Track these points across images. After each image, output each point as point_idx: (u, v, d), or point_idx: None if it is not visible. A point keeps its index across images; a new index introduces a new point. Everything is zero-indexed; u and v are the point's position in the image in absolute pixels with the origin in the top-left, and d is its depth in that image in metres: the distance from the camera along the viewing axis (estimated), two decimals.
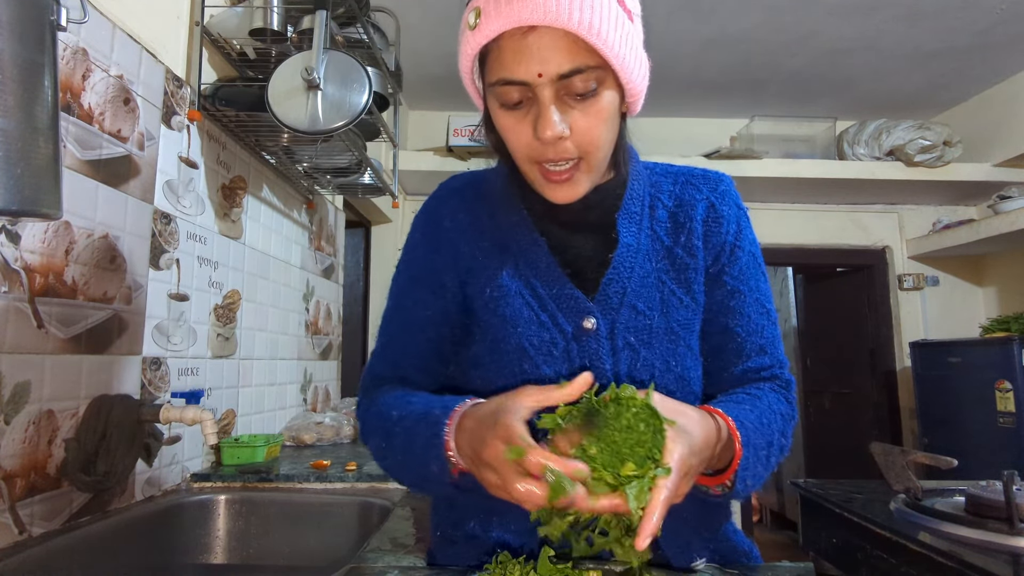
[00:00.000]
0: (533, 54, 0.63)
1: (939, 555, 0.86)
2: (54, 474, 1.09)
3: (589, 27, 0.61)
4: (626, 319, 0.76)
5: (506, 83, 0.65)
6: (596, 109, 0.67)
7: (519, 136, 0.68)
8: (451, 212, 0.82)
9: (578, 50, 0.63)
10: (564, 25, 0.61)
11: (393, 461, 0.74)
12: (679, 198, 0.83)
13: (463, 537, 0.80)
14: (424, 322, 0.81)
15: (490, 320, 0.78)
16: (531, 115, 0.67)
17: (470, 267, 0.80)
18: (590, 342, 0.75)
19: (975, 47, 2.84)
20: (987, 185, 3.36)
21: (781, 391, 0.80)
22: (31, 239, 1.04)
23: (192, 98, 1.54)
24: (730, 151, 3.27)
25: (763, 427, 0.71)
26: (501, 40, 0.64)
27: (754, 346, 0.80)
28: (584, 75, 0.64)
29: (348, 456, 1.75)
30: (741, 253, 0.82)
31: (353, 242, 3.40)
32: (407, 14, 2.41)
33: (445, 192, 0.85)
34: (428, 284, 0.81)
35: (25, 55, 0.79)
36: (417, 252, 0.84)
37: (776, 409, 0.76)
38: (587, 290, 0.76)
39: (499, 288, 0.78)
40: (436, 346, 0.82)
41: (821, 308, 4.43)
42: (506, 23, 0.62)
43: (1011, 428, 2.60)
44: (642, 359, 0.76)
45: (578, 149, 0.68)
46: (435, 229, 0.82)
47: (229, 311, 1.75)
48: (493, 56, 0.66)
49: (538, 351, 0.75)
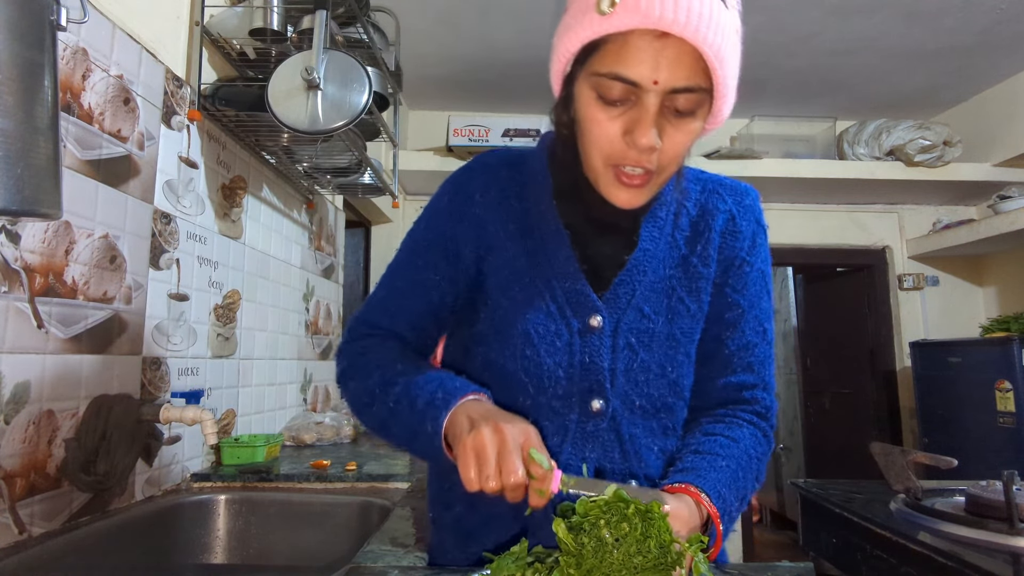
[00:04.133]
0: (658, 60, 0.62)
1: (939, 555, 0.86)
2: (54, 474, 1.09)
3: (718, 51, 0.62)
4: (631, 320, 0.77)
5: (617, 78, 0.64)
6: (688, 129, 0.67)
7: (606, 132, 0.67)
8: (482, 187, 0.82)
9: (697, 69, 0.63)
10: (698, 43, 0.61)
11: (382, 408, 0.76)
12: (703, 207, 0.83)
13: (452, 520, 0.82)
14: (432, 285, 0.81)
15: (500, 301, 0.79)
16: (626, 116, 0.66)
17: (491, 245, 0.80)
18: (593, 339, 0.76)
19: (975, 47, 2.84)
20: (987, 185, 3.36)
21: (759, 423, 0.81)
22: (31, 239, 1.04)
23: (192, 98, 1.54)
24: (730, 151, 3.27)
25: (737, 482, 0.74)
26: (629, 35, 0.63)
27: (742, 362, 0.81)
28: (692, 95, 0.64)
29: (348, 456, 1.75)
30: (750, 269, 0.83)
31: (353, 242, 3.40)
32: (407, 14, 2.40)
33: (479, 166, 0.84)
34: (445, 250, 0.81)
35: (25, 55, 0.79)
36: (440, 218, 0.83)
37: (753, 454, 0.78)
38: (600, 288, 0.77)
39: (515, 272, 0.79)
40: (436, 310, 0.83)
41: (821, 308, 4.43)
42: (644, 21, 0.60)
43: (1011, 428, 2.60)
44: (640, 361, 0.77)
45: (659, 162, 0.68)
46: (464, 200, 0.82)
47: (229, 311, 1.75)
48: (613, 47, 0.64)
49: (542, 339, 0.76)
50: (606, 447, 0.77)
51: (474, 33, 2.72)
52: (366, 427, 0.81)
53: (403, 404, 0.73)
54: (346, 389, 0.82)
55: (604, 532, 0.58)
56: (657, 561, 0.57)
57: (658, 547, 0.57)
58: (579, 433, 0.76)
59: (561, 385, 0.76)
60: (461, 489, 0.65)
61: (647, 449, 0.78)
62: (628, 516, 0.59)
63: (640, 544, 0.57)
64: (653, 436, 0.79)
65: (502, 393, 0.77)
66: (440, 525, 0.85)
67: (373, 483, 1.49)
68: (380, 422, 0.77)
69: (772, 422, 0.83)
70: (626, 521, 0.58)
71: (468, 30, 2.69)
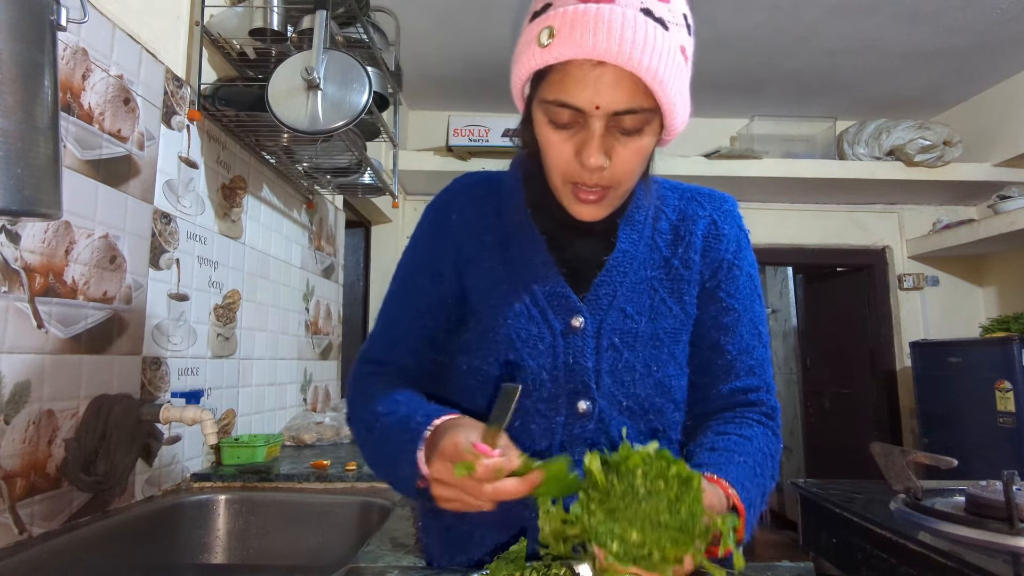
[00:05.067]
0: (596, 87, 0.65)
1: (939, 555, 0.86)
2: (54, 474, 1.09)
3: (655, 75, 0.64)
4: (613, 321, 0.78)
5: (562, 105, 0.67)
6: (637, 147, 0.70)
7: (560, 154, 0.71)
8: (459, 207, 0.85)
9: (637, 92, 0.65)
10: (633, 69, 0.63)
11: (370, 453, 0.78)
12: (683, 212, 0.85)
13: (442, 528, 0.82)
14: (421, 308, 0.83)
15: (482, 309, 0.80)
16: (576, 138, 0.69)
17: (469, 258, 0.82)
18: (576, 340, 0.77)
19: (975, 47, 2.84)
20: (987, 185, 3.36)
21: (768, 423, 0.82)
22: (31, 239, 1.04)
23: (192, 98, 1.54)
24: (730, 151, 3.27)
25: (756, 477, 0.74)
26: (568, 65, 0.66)
27: (743, 366, 0.82)
28: (636, 116, 0.67)
29: (348, 456, 1.75)
30: (739, 272, 0.84)
31: (353, 242, 3.40)
32: (407, 14, 2.40)
33: (457, 187, 0.88)
34: (428, 272, 0.84)
35: (25, 55, 0.79)
36: (423, 242, 0.87)
37: (767, 452, 0.78)
38: (580, 290, 0.79)
39: (494, 280, 0.80)
40: (430, 333, 0.84)
41: (821, 308, 4.43)
42: (579, 52, 0.64)
43: (1011, 428, 2.60)
44: (624, 360, 0.77)
45: (612, 179, 0.71)
46: (442, 221, 0.85)
47: (229, 311, 1.75)
48: (556, 76, 0.67)
49: (524, 343, 0.77)
50: (595, 449, 0.76)
51: (474, 33, 2.71)
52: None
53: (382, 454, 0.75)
54: (352, 432, 0.84)
55: (639, 481, 0.58)
56: (684, 525, 0.56)
57: (688, 514, 0.57)
58: (567, 435, 0.77)
59: (546, 388, 0.76)
60: None
61: None
62: (667, 475, 0.58)
63: (672, 505, 0.57)
64: (642, 438, 0.79)
65: (487, 399, 0.78)
66: (430, 533, 0.85)
67: (373, 483, 1.48)
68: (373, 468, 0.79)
69: (778, 422, 0.83)
70: (663, 479, 0.58)
71: (468, 30, 2.69)
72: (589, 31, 0.63)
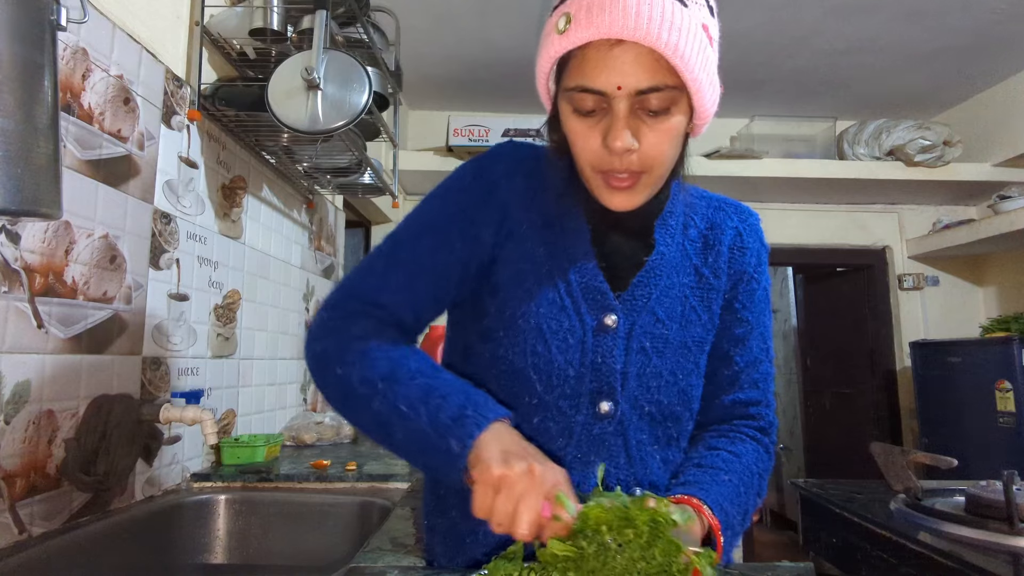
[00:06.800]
0: (616, 67, 0.64)
1: (939, 555, 0.86)
2: (54, 474, 1.09)
3: (675, 49, 0.62)
4: (645, 323, 0.76)
5: (584, 90, 0.66)
6: (666, 127, 0.67)
7: (587, 142, 0.69)
8: (507, 173, 0.79)
9: (659, 69, 0.64)
10: (651, 43, 0.62)
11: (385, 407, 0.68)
12: (711, 221, 0.85)
13: (447, 526, 0.81)
14: (441, 265, 0.76)
15: (513, 292, 0.76)
16: (602, 124, 0.67)
17: (512, 231, 0.77)
18: (607, 339, 0.75)
19: (975, 47, 2.84)
20: (987, 185, 3.36)
21: (761, 439, 0.82)
22: (31, 239, 1.04)
23: (192, 98, 1.54)
24: (730, 151, 3.27)
25: (739, 496, 0.74)
26: (587, 48, 0.65)
27: (748, 379, 0.82)
28: (661, 94, 0.65)
29: (348, 456, 1.75)
30: (757, 287, 0.84)
31: (353, 242, 3.40)
32: (407, 14, 2.40)
33: (506, 152, 0.81)
34: (463, 230, 0.76)
35: (25, 55, 0.79)
36: (462, 196, 0.78)
37: (755, 470, 0.78)
38: (616, 288, 0.77)
39: (532, 262, 0.76)
40: (442, 296, 0.78)
41: (821, 308, 4.43)
42: (596, 33, 0.63)
43: (1011, 428, 2.60)
44: (652, 366, 0.76)
45: (642, 163, 0.68)
46: (489, 184, 0.79)
47: (229, 311, 1.75)
48: (576, 62, 0.67)
49: (554, 335, 0.74)
50: (612, 452, 0.76)
51: (474, 33, 2.71)
52: (351, 422, 0.74)
53: (419, 410, 0.66)
54: (327, 371, 0.72)
55: (606, 537, 0.58)
56: (661, 568, 0.57)
57: (664, 555, 0.57)
58: (585, 435, 0.75)
59: (570, 384, 0.74)
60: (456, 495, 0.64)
61: (651, 457, 0.78)
62: (634, 522, 0.58)
63: (645, 552, 0.57)
64: (658, 444, 0.79)
65: (508, 391, 0.76)
66: (434, 531, 0.84)
67: (373, 483, 1.49)
68: (378, 422, 0.69)
69: (773, 438, 0.84)
70: (631, 526, 0.58)
71: (468, 30, 2.69)
72: (605, 11, 0.62)
